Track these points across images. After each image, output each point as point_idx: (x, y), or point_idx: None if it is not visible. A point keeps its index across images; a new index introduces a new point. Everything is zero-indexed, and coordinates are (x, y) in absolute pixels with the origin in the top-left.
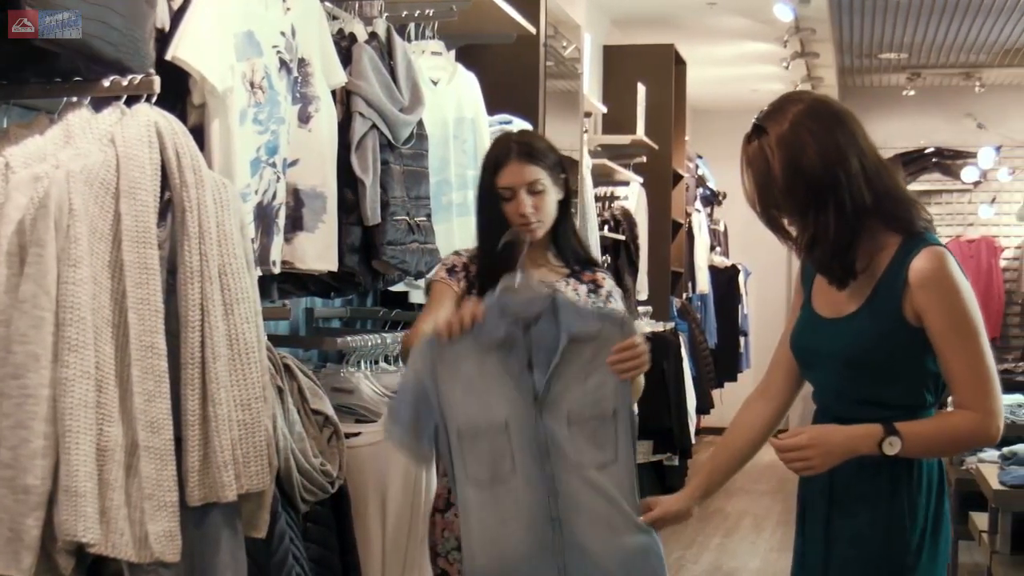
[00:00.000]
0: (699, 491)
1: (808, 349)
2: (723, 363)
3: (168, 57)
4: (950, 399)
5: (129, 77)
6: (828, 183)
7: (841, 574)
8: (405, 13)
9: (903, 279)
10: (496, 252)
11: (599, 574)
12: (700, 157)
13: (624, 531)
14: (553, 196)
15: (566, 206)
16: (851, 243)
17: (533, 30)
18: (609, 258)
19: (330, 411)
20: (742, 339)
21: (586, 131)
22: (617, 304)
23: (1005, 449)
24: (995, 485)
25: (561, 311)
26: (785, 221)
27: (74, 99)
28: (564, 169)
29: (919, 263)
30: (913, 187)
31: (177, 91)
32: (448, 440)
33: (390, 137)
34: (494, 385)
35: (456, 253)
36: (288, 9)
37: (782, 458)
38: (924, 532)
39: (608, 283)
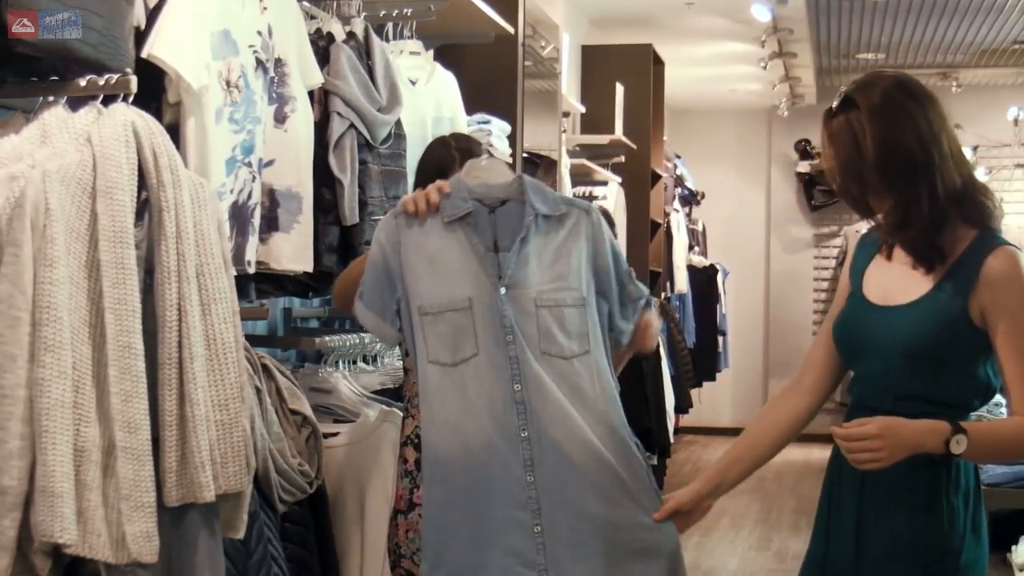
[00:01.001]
0: (711, 483)
1: (856, 337)
2: (702, 362)
3: (144, 55)
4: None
5: (106, 77)
6: (922, 161)
7: (876, 573)
8: (383, 13)
9: (975, 274)
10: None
11: (569, 472)
12: (678, 157)
13: (595, 434)
14: None
15: None
16: (942, 225)
17: (511, 30)
18: None
19: (308, 411)
20: (720, 339)
21: (564, 131)
22: None
23: None
24: None
25: (529, 192)
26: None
27: (50, 98)
28: None
29: (994, 261)
30: None
31: (152, 89)
32: (410, 318)
33: (368, 137)
34: (458, 263)
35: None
36: (265, 8)
37: (845, 447)
38: (964, 536)
39: None
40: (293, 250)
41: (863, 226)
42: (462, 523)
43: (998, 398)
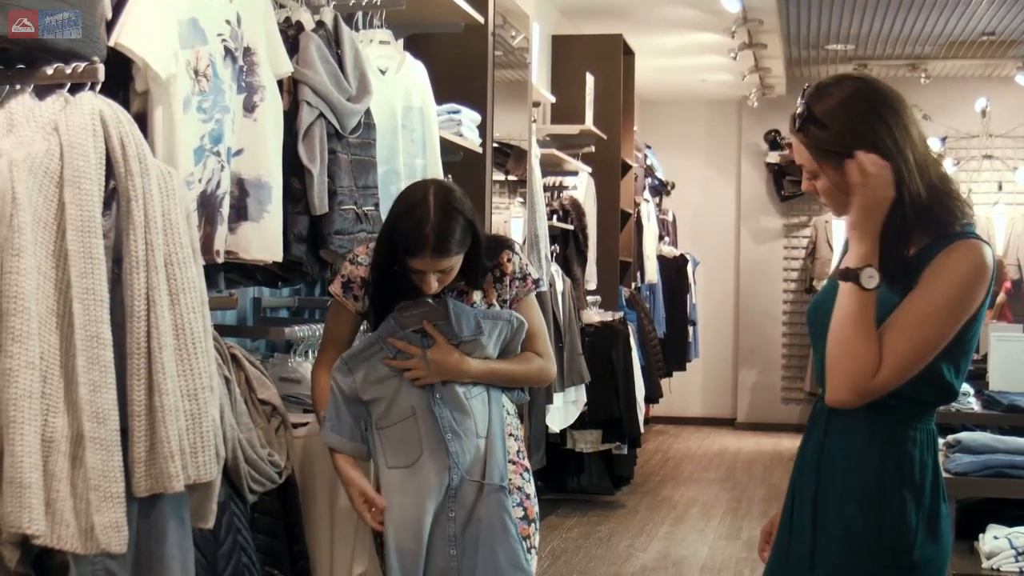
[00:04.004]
0: None
1: (821, 317)
2: (672, 352)
3: (111, 43)
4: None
5: (73, 65)
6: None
7: (833, 572)
8: (352, 2)
9: (926, 262)
10: (387, 287)
11: (474, 526)
12: (648, 147)
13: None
14: (459, 263)
15: (476, 246)
16: (906, 239)
17: (481, 19)
18: (558, 248)
19: (278, 401)
20: (690, 328)
21: (535, 121)
22: (518, 284)
23: (950, 437)
24: None
25: (453, 318)
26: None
27: (17, 86)
28: (475, 226)
29: (946, 250)
30: None
31: (120, 78)
32: (372, 433)
33: (337, 126)
34: (400, 384)
35: (352, 262)
36: None
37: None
38: (916, 532)
39: (515, 262)
40: (262, 240)
41: (832, 216)
42: None
43: (966, 387)
